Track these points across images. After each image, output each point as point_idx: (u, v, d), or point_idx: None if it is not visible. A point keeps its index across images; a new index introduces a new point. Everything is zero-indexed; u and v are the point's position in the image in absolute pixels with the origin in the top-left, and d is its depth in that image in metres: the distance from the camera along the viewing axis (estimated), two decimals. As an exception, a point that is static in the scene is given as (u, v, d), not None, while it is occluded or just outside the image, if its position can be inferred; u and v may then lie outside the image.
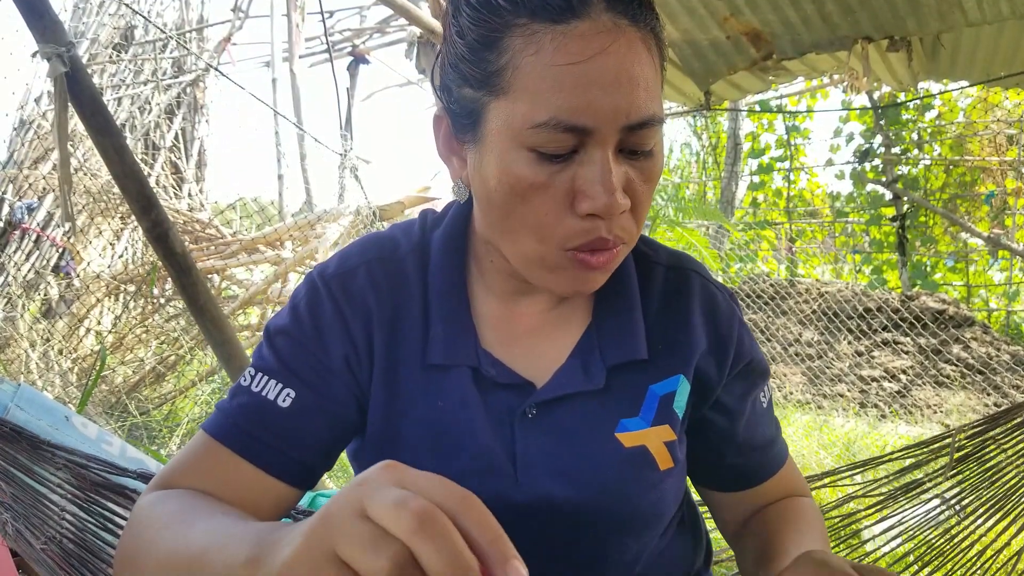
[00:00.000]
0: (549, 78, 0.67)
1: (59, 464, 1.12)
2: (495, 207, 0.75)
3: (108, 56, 7.12)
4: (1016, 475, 1.43)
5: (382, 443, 0.85)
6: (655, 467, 0.85)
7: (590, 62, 0.67)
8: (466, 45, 0.72)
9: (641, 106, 0.69)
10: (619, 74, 0.68)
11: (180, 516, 0.70)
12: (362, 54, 7.73)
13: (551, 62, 0.67)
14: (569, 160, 0.70)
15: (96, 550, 1.09)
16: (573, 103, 0.67)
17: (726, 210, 9.50)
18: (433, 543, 0.44)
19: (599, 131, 0.68)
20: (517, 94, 0.69)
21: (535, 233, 0.73)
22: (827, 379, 6.07)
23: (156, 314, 5.22)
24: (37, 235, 5.64)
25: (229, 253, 5.24)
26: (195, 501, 0.73)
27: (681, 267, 0.92)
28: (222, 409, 0.81)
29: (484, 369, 0.83)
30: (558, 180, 0.71)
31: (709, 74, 3.53)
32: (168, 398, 4.72)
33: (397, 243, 0.88)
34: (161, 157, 6.85)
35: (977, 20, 2.97)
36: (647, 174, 0.74)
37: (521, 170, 0.71)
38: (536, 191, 0.71)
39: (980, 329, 6.45)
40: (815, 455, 3.96)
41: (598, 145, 0.69)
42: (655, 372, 0.87)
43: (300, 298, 0.85)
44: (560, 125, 0.67)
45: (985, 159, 8.39)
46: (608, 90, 0.67)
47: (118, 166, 2.27)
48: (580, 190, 0.70)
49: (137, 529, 0.73)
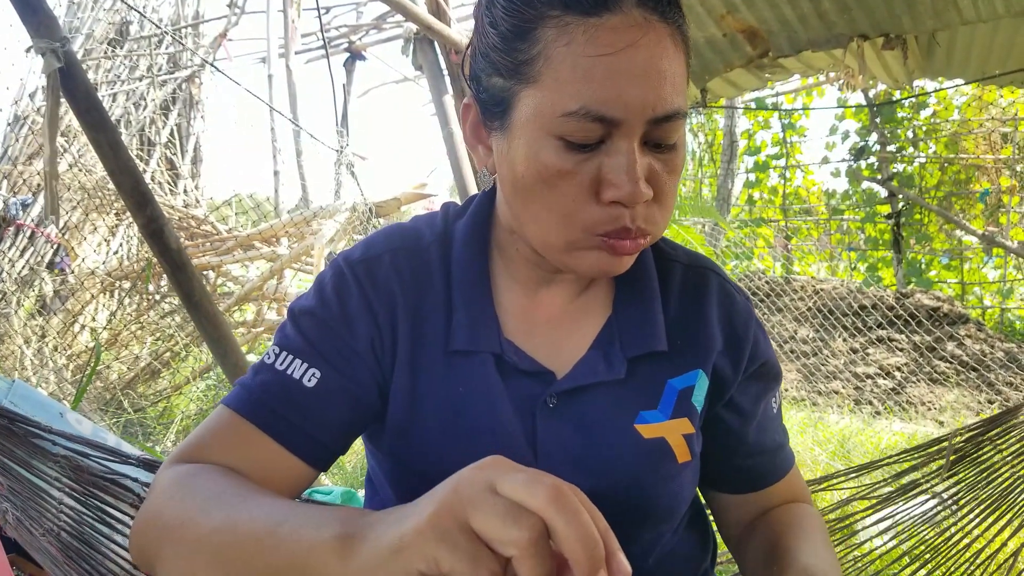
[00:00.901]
0: (580, 68, 0.69)
1: (57, 456, 1.11)
2: (521, 193, 0.76)
3: (103, 52, 7.10)
4: (1012, 475, 1.43)
5: (403, 426, 0.85)
6: (674, 459, 0.86)
7: (620, 54, 0.69)
8: (498, 35, 0.74)
9: (667, 100, 0.71)
10: (648, 67, 0.69)
11: (232, 491, 0.69)
12: (358, 50, 7.72)
13: (583, 53, 0.69)
14: (596, 150, 0.72)
15: (94, 543, 1.09)
16: (603, 94, 0.69)
17: (722, 207, 9.51)
18: (567, 515, 0.47)
19: (627, 122, 0.70)
20: (548, 83, 0.71)
21: (560, 219, 0.75)
22: (822, 376, 6.08)
23: (151, 310, 5.21)
24: (32, 231, 5.62)
25: (224, 249, 5.23)
26: (239, 479, 0.73)
27: (700, 266, 0.93)
28: (244, 385, 0.81)
29: (507, 356, 0.84)
30: (584, 168, 0.72)
31: (705, 71, 3.53)
32: (163, 395, 4.71)
33: (421, 233, 0.90)
34: (156, 153, 6.84)
35: (972, 18, 2.97)
36: (671, 166, 0.75)
37: (549, 157, 0.72)
38: (563, 178, 0.73)
39: (974, 326, 6.47)
40: (810, 452, 3.97)
41: (624, 136, 0.71)
42: (674, 366, 0.88)
43: (326, 281, 0.86)
44: (589, 115, 0.69)
45: (980, 157, 8.41)
46: (637, 82, 0.69)
47: (113, 162, 2.27)
48: (606, 179, 0.72)
49: (173, 498, 0.71)
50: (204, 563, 0.65)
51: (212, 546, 0.64)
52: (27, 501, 1.13)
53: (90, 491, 1.08)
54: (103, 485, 1.06)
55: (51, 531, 1.09)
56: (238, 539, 0.63)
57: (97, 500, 1.08)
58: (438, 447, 0.84)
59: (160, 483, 0.74)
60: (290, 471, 0.79)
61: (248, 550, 0.61)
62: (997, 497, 1.44)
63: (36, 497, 1.13)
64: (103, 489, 1.06)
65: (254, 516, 0.64)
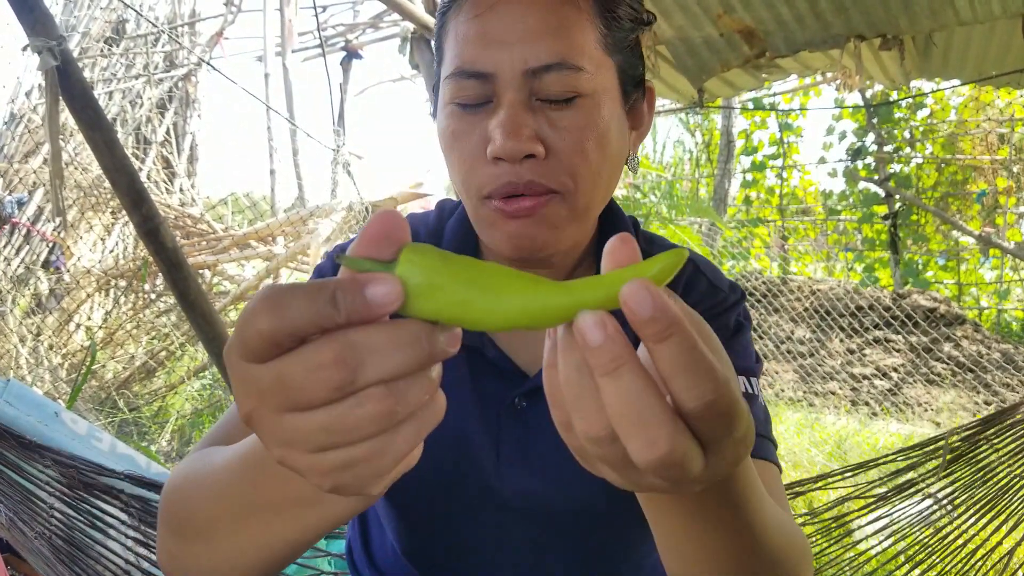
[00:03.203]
0: (460, 34, 0.74)
1: (47, 463, 1.11)
2: (447, 167, 0.80)
3: (99, 50, 7.08)
4: (1008, 475, 1.43)
5: None
6: None
7: (489, 14, 0.73)
8: (436, 36, 0.81)
9: (542, 51, 0.72)
10: (518, 21, 0.72)
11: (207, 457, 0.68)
12: (355, 49, 7.70)
13: (463, 20, 0.74)
14: (484, 109, 0.74)
15: (84, 547, 1.09)
16: (474, 52, 0.73)
17: (719, 207, 9.51)
18: None
19: (500, 77, 0.72)
20: (446, 56, 0.77)
21: (463, 185, 0.77)
22: (819, 377, 6.08)
23: (147, 309, 5.19)
24: (27, 230, 5.61)
25: (220, 248, 5.22)
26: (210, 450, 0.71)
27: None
28: None
29: (487, 351, 0.84)
30: (475, 129, 0.75)
31: (702, 71, 3.53)
32: (158, 394, 4.71)
33: (416, 230, 0.92)
34: (152, 152, 6.82)
35: (969, 19, 2.97)
36: (569, 122, 0.74)
37: (447, 122, 0.76)
38: (459, 140, 0.76)
39: (971, 327, 6.48)
40: (806, 452, 3.97)
41: (506, 91, 0.73)
42: None
43: (327, 272, 0.88)
44: (464, 73, 0.73)
45: (976, 158, 8.42)
46: (505, 36, 0.72)
47: (109, 160, 2.26)
48: (489, 135, 0.73)
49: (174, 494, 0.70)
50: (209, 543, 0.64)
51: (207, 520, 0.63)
52: (18, 505, 1.13)
53: (80, 495, 1.07)
54: (93, 491, 1.05)
55: (43, 535, 1.09)
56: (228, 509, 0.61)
57: (87, 504, 1.08)
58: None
59: (172, 478, 0.73)
60: None
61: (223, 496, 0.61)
62: (993, 497, 1.44)
63: (27, 501, 1.12)
64: (94, 494, 1.06)
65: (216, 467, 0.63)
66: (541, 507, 0.83)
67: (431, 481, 0.85)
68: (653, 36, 3.21)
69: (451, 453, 0.83)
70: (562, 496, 0.83)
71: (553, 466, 0.82)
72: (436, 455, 0.84)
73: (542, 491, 0.83)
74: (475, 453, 0.83)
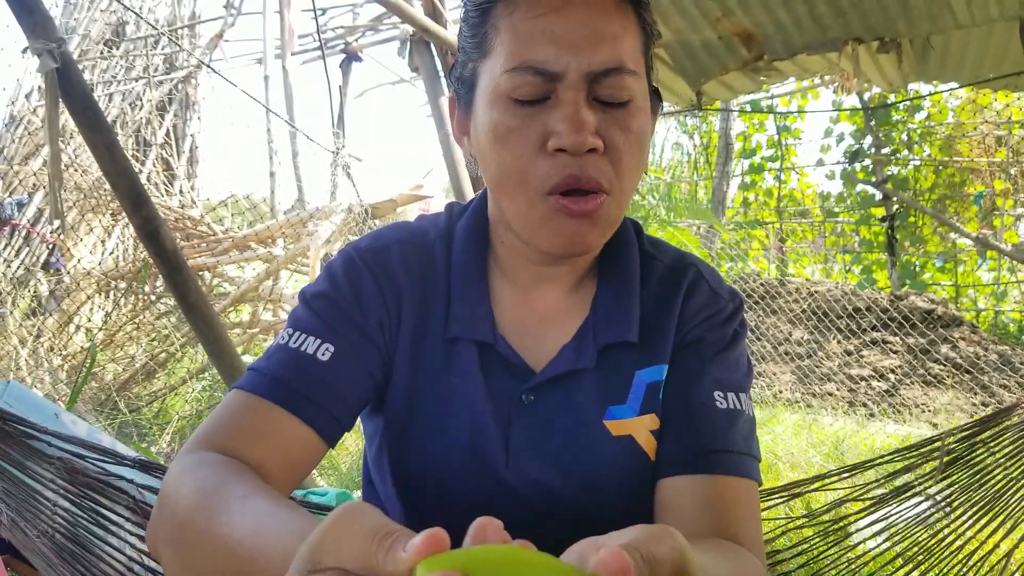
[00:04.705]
0: (521, 31, 0.75)
1: (52, 458, 1.11)
2: (485, 163, 0.81)
3: (99, 52, 7.08)
4: (1004, 477, 1.44)
5: (405, 415, 0.88)
6: (645, 458, 0.87)
7: (556, 13, 0.75)
8: (467, 25, 0.82)
9: (605, 55, 0.75)
10: (584, 24, 0.75)
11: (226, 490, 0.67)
12: (355, 51, 7.71)
13: (523, 17, 0.75)
14: (542, 105, 0.76)
15: (88, 545, 1.09)
16: (540, 49, 0.74)
17: (717, 210, 9.52)
18: None
19: (565, 76, 0.75)
20: (497, 51, 0.77)
21: (517, 180, 0.78)
22: (816, 378, 6.09)
23: (147, 311, 5.20)
24: (27, 231, 5.61)
25: (220, 250, 5.22)
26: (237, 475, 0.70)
27: (681, 264, 0.95)
28: (257, 368, 0.82)
29: (499, 347, 0.87)
30: (532, 125, 0.76)
31: (701, 74, 3.54)
32: (158, 395, 4.71)
33: (426, 230, 0.94)
34: (152, 154, 6.82)
35: (966, 22, 2.99)
36: (623, 124, 0.78)
37: (499, 116, 0.77)
38: (512, 135, 0.77)
39: (968, 329, 6.48)
40: (804, 453, 3.98)
41: (567, 90, 0.75)
42: (643, 358, 0.89)
43: (337, 268, 0.89)
44: (529, 69, 0.75)
45: (974, 160, 8.43)
46: (572, 38, 0.74)
47: (109, 163, 2.27)
48: (550, 130, 0.75)
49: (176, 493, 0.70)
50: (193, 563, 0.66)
51: (200, 548, 0.65)
52: (22, 503, 1.13)
53: (85, 493, 1.08)
54: (98, 487, 1.06)
55: (46, 533, 1.09)
56: (217, 546, 0.62)
57: (92, 502, 1.08)
58: (426, 436, 0.87)
59: (170, 476, 0.74)
60: (306, 445, 0.79)
61: (226, 559, 0.61)
62: (990, 499, 1.44)
63: (31, 499, 1.13)
64: (98, 491, 1.06)
65: (234, 523, 0.63)
66: (549, 498, 0.85)
67: (443, 473, 0.86)
68: (652, 39, 3.22)
69: (464, 445, 0.85)
70: (570, 487, 0.85)
71: (561, 458, 0.85)
72: (449, 447, 0.86)
73: (550, 482, 0.85)
74: (486, 445, 0.85)
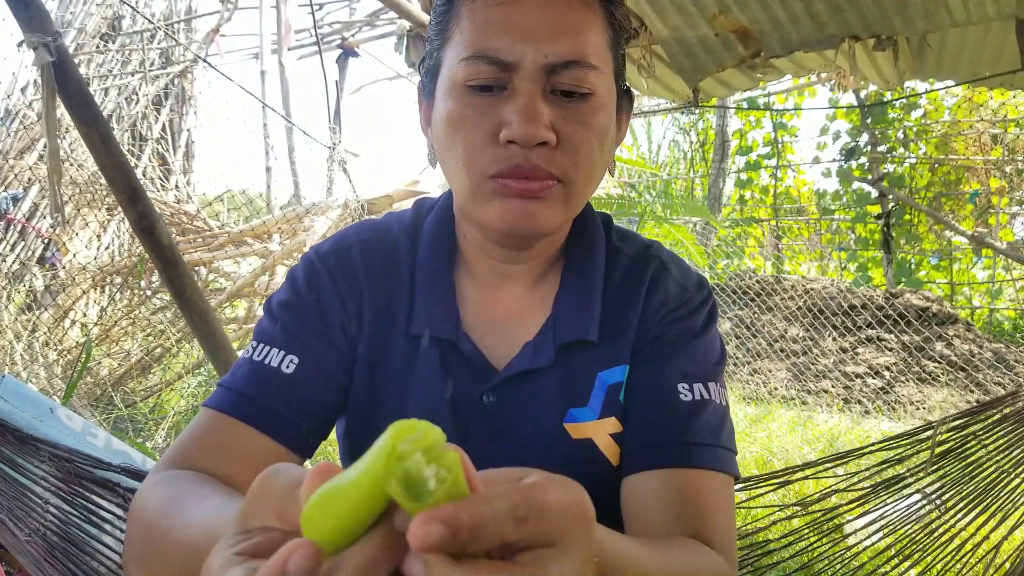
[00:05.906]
0: (480, 19, 0.75)
1: (43, 457, 1.11)
2: (441, 148, 0.81)
3: (95, 46, 7.06)
4: (995, 470, 1.45)
5: (366, 415, 0.87)
6: (606, 462, 0.85)
7: (516, 3, 0.75)
8: (434, 12, 0.82)
9: (564, 47, 0.75)
10: (543, 14, 0.75)
11: (187, 495, 0.70)
12: (351, 47, 7.70)
13: (483, 5, 0.76)
14: (498, 95, 0.76)
15: (79, 542, 1.09)
16: (496, 38, 0.74)
17: (713, 207, 9.52)
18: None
19: (521, 66, 0.75)
20: (456, 38, 0.77)
21: (464, 165, 0.78)
22: (812, 375, 6.10)
23: (142, 306, 5.19)
24: (22, 226, 5.59)
25: (216, 246, 5.21)
26: (202, 483, 0.72)
27: (646, 256, 0.93)
28: (224, 384, 0.82)
29: (462, 344, 0.85)
30: (487, 114, 0.76)
31: (697, 71, 3.53)
32: (154, 391, 4.70)
33: (390, 227, 0.93)
34: (148, 148, 6.81)
35: (963, 20, 2.99)
36: (582, 118, 0.77)
37: (454, 104, 0.77)
38: (466, 123, 0.77)
39: (963, 327, 6.50)
40: (799, 450, 3.99)
41: (523, 80, 0.75)
42: (604, 358, 0.87)
43: (298, 274, 0.89)
44: (484, 58, 0.75)
45: (970, 158, 8.44)
46: (530, 28, 0.74)
47: (104, 157, 2.26)
48: (503, 120, 0.75)
49: (143, 511, 0.72)
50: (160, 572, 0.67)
51: (164, 555, 0.66)
52: (13, 501, 1.13)
53: (76, 490, 1.08)
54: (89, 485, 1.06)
55: (37, 531, 1.09)
56: (179, 548, 0.64)
57: (83, 499, 1.08)
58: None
59: (139, 495, 0.75)
60: (274, 460, 0.78)
61: (187, 561, 0.62)
62: (981, 492, 1.45)
63: (22, 496, 1.13)
64: (90, 488, 1.06)
65: (191, 523, 0.64)
66: None
67: None
68: (648, 36, 3.22)
69: None
70: None
71: (518, 462, 0.83)
72: None
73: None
74: None
